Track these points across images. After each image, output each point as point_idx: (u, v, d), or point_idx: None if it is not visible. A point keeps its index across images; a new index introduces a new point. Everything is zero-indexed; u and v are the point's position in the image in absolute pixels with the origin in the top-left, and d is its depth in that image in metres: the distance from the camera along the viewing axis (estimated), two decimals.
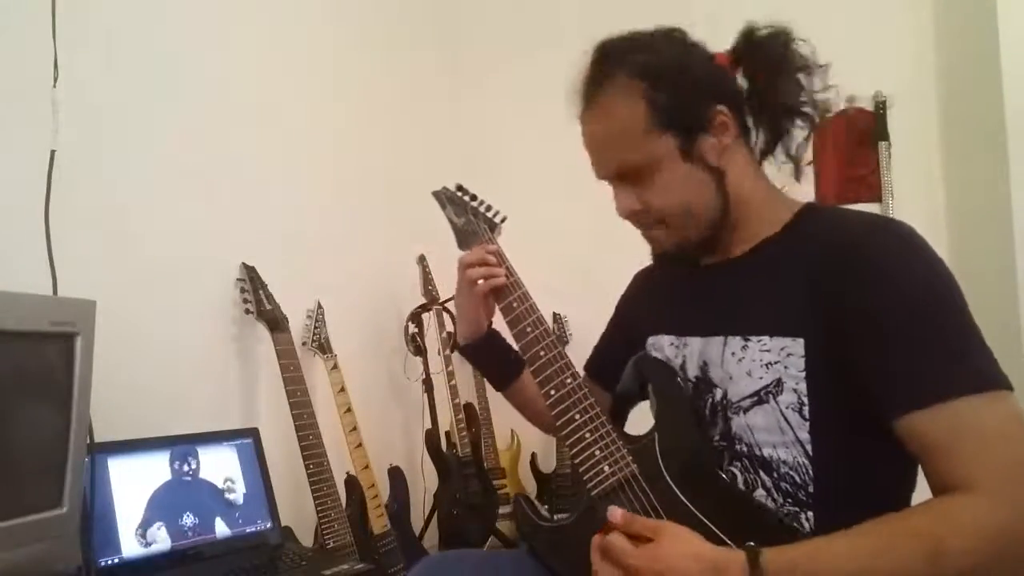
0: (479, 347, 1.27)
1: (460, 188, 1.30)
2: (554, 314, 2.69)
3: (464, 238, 1.26)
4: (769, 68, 0.99)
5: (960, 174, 2.32)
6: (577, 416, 1.02)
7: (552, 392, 1.05)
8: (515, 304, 1.15)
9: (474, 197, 1.29)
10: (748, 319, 0.96)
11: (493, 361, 1.30)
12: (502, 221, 1.28)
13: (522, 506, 1.06)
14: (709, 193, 0.98)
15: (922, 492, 0.91)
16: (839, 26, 2.43)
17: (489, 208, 1.28)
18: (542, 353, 1.09)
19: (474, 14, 3.03)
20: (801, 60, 0.99)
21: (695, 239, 1.01)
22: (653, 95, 0.95)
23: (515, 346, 1.16)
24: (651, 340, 1.13)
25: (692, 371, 1.03)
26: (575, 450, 1.00)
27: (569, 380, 1.05)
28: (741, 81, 1.01)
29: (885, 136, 2.39)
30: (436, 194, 1.32)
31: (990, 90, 2.13)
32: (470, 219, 1.26)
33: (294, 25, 2.23)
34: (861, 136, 2.42)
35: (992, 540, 0.76)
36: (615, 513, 0.87)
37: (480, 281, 1.19)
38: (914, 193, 2.36)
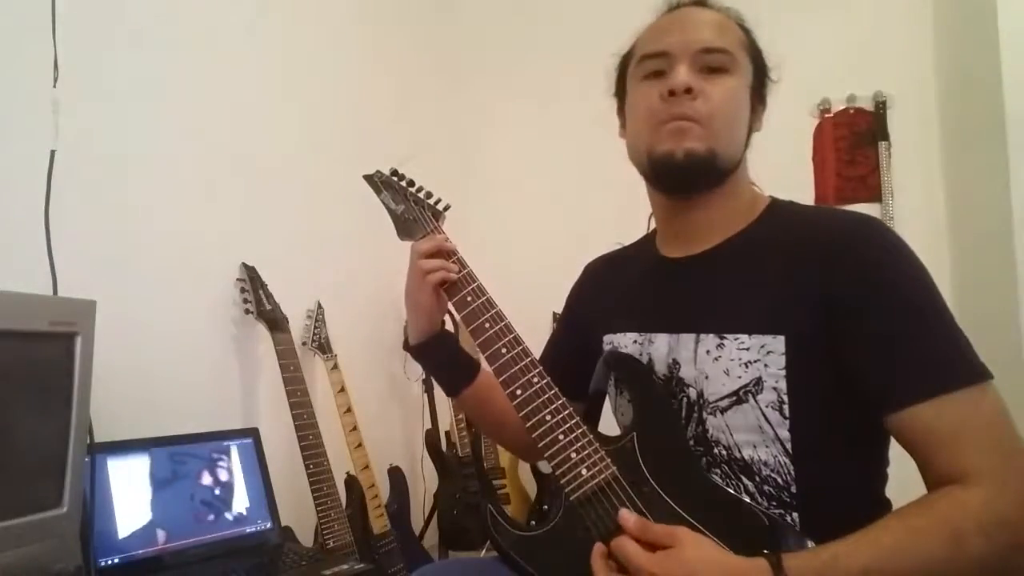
0: (432, 345, 1.14)
1: (395, 173, 1.20)
2: (553, 314, 2.69)
3: (405, 227, 1.16)
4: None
5: (960, 174, 2.32)
6: (548, 417, 0.96)
7: (518, 392, 0.97)
8: (469, 298, 1.05)
9: (411, 183, 1.19)
10: (723, 316, 0.94)
11: (444, 362, 1.18)
12: (445, 209, 1.18)
13: (493, 515, 0.97)
14: (742, 133, 1.00)
15: (896, 485, 0.93)
16: (840, 26, 2.43)
17: (430, 195, 1.18)
18: (504, 351, 1.00)
19: (474, 16, 3.03)
20: None
21: (719, 153, 0.95)
22: (748, 40, 1.01)
23: (474, 344, 1.06)
24: (609, 338, 1.08)
25: (660, 369, 1.00)
26: (549, 452, 0.95)
27: (536, 379, 0.98)
28: None
29: (885, 136, 2.40)
30: (368, 178, 1.21)
31: (990, 90, 2.13)
32: (410, 206, 1.16)
33: (294, 25, 2.23)
34: (861, 136, 2.43)
35: (1002, 528, 0.78)
36: (628, 518, 0.85)
37: (433, 273, 1.08)
38: (914, 193, 2.37)
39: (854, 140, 2.43)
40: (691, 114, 0.95)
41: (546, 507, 2.49)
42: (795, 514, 0.89)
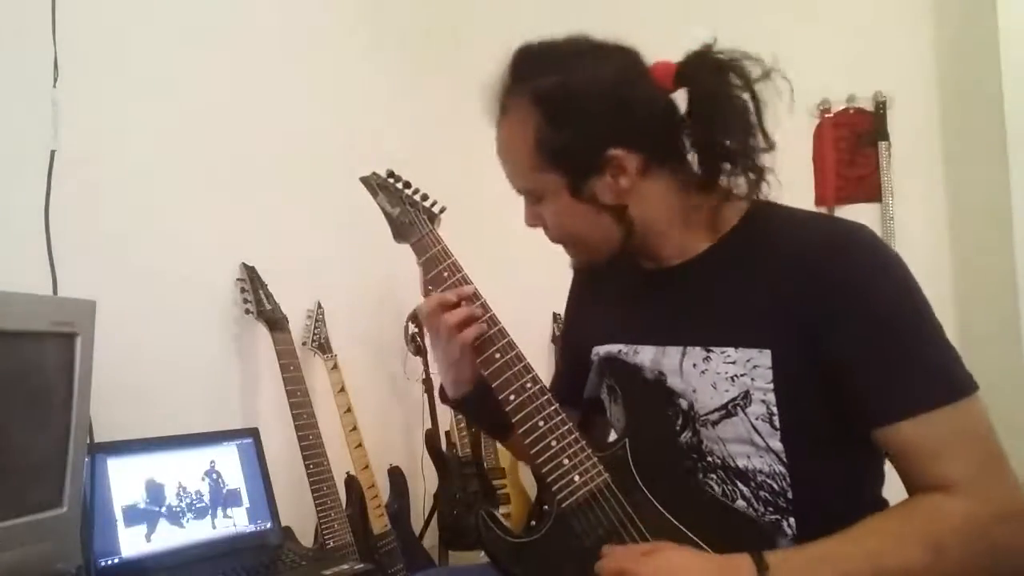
0: (477, 398, 1.07)
1: (391, 174, 1.19)
2: (554, 314, 2.69)
3: (401, 230, 1.14)
4: (706, 101, 0.92)
5: (960, 174, 2.32)
6: (541, 423, 0.95)
7: (511, 398, 0.97)
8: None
9: (408, 184, 1.18)
10: (709, 329, 0.92)
11: (493, 409, 1.07)
12: (441, 211, 1.16)
13: (486, 521, 0.98)
14: (603, 227, 0.95)
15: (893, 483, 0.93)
16: (840, 26, 2.43)
17: (426, 197, 1.17)
18: (498, 355, 0.99)
19: (476, 17, 3.03)
20: (744, 102, 0.91)
21: (599, 260, 1.00)
22: (545, 131, 0.92)
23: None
24: (597, 349, 1.07)
25: (648, 378, 0.98)
26: (541, 459, 0.94)
27: (530, 384, 0.97)
28: (683, 98, 0.93)
29: (885, 136, 2.39)
30: (365, 180, 1.20)
31: (990, 90, 2.13)
32: (406, 209, 1.14)
33: (295, 26, 2.23)
34: (861, 136, 2.43)
35: (979, 536, 0.79)
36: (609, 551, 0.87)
37: (465, 330, 1.02)
38: (914, 193, 2.37)
39: (854, 140, 2.43)
40: (553, 240, 1.03)
41: (546, 507, 2.49)
42: (791, 519, 0.89)
